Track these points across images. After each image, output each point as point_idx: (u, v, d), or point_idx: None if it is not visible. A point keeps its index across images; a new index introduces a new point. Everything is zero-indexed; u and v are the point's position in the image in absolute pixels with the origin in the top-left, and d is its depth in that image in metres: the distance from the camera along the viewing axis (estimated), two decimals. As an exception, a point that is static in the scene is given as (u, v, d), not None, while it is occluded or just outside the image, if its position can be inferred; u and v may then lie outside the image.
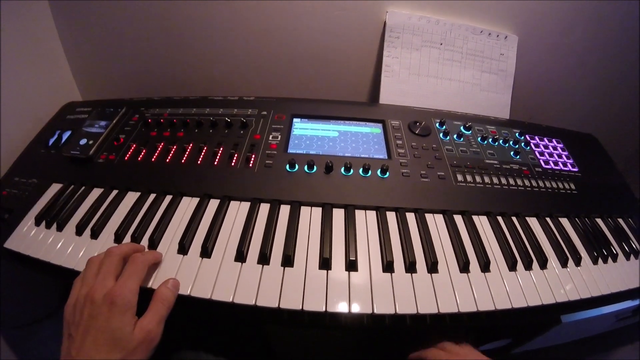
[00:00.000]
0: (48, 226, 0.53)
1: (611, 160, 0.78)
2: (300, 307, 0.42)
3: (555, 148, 0.74)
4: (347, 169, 0.59)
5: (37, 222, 0.53)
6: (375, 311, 0.43)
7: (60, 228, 0.52)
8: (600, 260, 0.56)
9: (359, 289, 0.45)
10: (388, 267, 0.47)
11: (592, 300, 0.51)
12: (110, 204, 0.55)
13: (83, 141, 0.64)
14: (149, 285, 0.44)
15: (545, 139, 0.75)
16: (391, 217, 0.54)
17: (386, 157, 0.63)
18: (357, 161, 0.60)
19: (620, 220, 0.65)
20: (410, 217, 0.55)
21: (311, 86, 0.89)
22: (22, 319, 0.60)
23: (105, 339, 0.35)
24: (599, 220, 0.63)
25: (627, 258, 0.58)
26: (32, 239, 0.52)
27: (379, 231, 0.52)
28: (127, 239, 0.50)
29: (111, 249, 0.43)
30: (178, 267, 0.46)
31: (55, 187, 0.59)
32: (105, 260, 0.41)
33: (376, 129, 0.69)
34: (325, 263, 0.47)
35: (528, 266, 0.51)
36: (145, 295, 0.41)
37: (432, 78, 0.79)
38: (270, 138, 0.64)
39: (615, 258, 0.57)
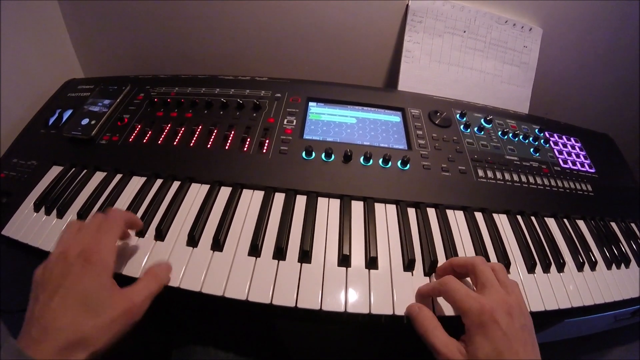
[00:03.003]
0: (48, 212, 0.49)
1: (626, 162, 0.77)
2: (319, 307, 0.40)
3: (573, 147, 0.72)
4: (367, 159, 0.56)
5: (37, 208, 0.50)
6: (396, 313, 0.41)
7: (60, 215, 0.49)
8: (614, 265, 0.55)
9: (379, 289, 0.43)
10: (409, 265, 0.45)
11: (605, 305, 0.50)
12: (114, 189, 0.52)
13: (85, 121, 0.60)
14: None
15: (563, 137, 0.73)
16: (411, 211, 0.52)
17: (406, 148, 0.61)
18: (376, 151, 0.58)
19: (633, 224, 0.64)
20: (431, 213, 0.53)
21: (325, 67, 0.86)
22: (21, 303, 0.58)
23: (75, 299, 0.31)
24: (613, 224, 0.62)
25: (639, 264, 0.58)
26: (31, 225, 0.48)
27: (399, 227, 0.50)
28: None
29: (97, 213, 0.39)
30: (187, 260, 0.43)
31: (55, 170, 0.55)
32: (90, 220, 0.38)
33: (395, 117, 0.66)
34: (344, 260, 0.45)
35: (546, 269, 0.50)
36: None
37: (453, 66, 0.76)
38: (285, 122, 0.61)
39: (628, 264, 0.57)
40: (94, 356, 0.30)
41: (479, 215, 0.55)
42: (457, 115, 0.68)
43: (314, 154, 0.56)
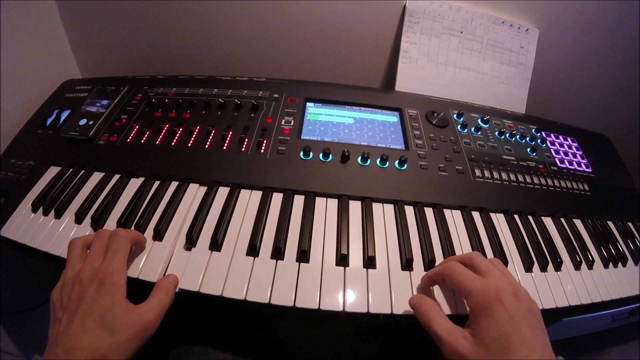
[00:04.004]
0: (46, 213, 0.49)
1: (622, 162, 0.77)
2: (317, 307, 0.40)
3: (570, 147, 0.72)
4: (364, 159, 0.56)
5: (34, 208, 0.50)
6: (394, 312, 0.41)
7: (58, 215, 0.49)
8: (611, 264, 0.55)
9: (377, 288, 0.43)
10: (407, 265, 0.46)
11: (602, 303, 0.51)
12: (111, 189, 0.52)
13: (83, 121, 0.60)
14: (155, 279, 0.41)
15: (560, 137, 0.73)
16: (409, 211, 0.53)
17: (403, 148, 0.61)
18: (374, 151, 0.58)
19: (630, 224, 0.65)
20: (429, 212, 0.53)
21: (323, 68, 0.86)
22: (20, 305, 0.58)
23: (93, 320, 0.33)
24: (610, 223, 0.62)
25: (636, 263, 0.58)
26: (29, 226, 0.48)
27: (397, 226, 0.50)
28: (131, 228, 0.47)
29: (101, 231, 0.41)
30: (186, 260, 0.43)
31: (53, 170, 0.55)
32: (95, 241, 0.39)
33: (393, 118, 0.66)
34: (342, 259, 0.45)
35: (544, 268, 0.50)
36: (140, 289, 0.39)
37: (450, 67, 0.76)
38: (283, 123, 0.61)
39: (625, 262, 0.57)
40: None
41: (476, 215, 0.55)
42: (454, 116, 0.68)
43: (311, 154, 0.56)
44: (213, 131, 0.59)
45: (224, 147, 0.57)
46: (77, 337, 0.32)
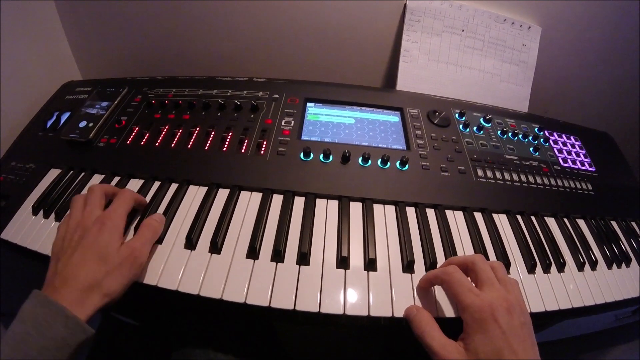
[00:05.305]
0: (46, 215, 0.49)
1: (626, 160, 0.76)
2: (317, 310, 0.40)
3: (573, 146, 0.72)
4: (365, 160, 0.56)
5: (35, 211, 0.50)
6: (395, 315, 0.41)
7: (58, 218, 0.49)
8: (614, 264, 0.55)
9: (378, 291, 0.42)
10: (408, 267, 0.45)
11: (606, 305, 0.50)
12: (112, 191, 0.51)
13: (82, 123, 0.59)
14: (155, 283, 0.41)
15: (563, 136, 0.72)
16: (410, 212, 0.52)
17: (405, 148, 0.60)
18: (375, 151, 0.57)
19: (633, 223, 0.64)
20: (430, 213, 0.53)
21: (323, 68, 0.85)
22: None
23: (92, 254, 0.36)
24: (613, 223, 0.62)
25: (640, 263, 0.57)
26: (30, 229, 0.48)
27: (398, 228, 0.50)
28: (131, 232, 0.46)
29: (92, 186, 0.44)
30: (185, 263, 0.43)
31: (53, 173, 0.55)
32: (90, 195, 0.43)
33: (394, 117, 0.66)
34: (343, 261, 0.44)
35: (546, 269, 0.50)
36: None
37: (451, 65, 0.76)
38: (283, 123, 0.61)
39: (628, 263, 0.56)
40: (107, 299, 0.36)
41: (478, 216, 0.54)
42: (456, 115, 0.68)
43: (312, 155, 0.56)
44: (212, 132, 0.58)
45: (224, 149, 0.57)
46: (75, 268, 0.36)
